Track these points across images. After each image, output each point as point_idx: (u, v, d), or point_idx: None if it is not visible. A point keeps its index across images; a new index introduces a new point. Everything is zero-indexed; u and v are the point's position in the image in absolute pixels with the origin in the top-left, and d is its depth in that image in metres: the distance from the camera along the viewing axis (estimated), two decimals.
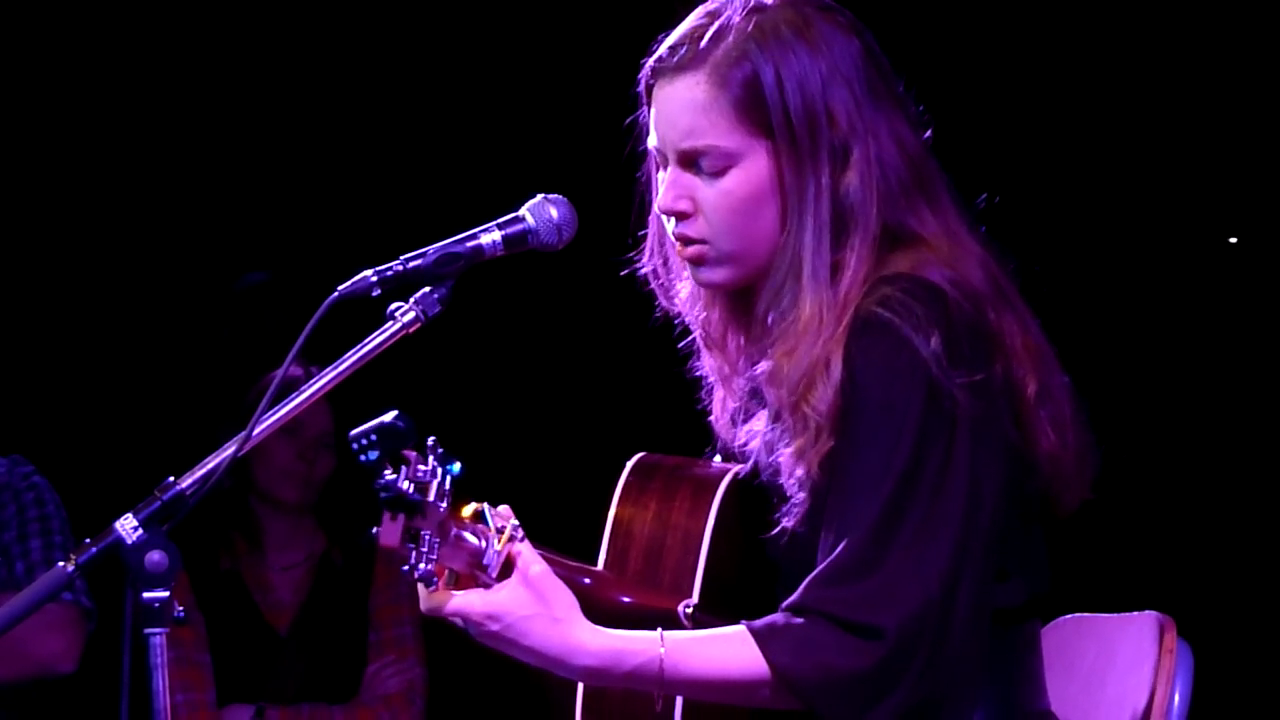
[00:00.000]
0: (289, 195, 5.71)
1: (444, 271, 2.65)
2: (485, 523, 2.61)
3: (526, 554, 2.61)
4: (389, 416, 2.47)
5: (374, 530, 2.49)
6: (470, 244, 2.68)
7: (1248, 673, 5.28)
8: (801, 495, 2.62)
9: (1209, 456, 5.47)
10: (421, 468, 2.49)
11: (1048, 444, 2.65)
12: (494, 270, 2.75)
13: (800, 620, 2.54)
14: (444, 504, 2.51)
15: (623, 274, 2.84)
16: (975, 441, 2.55)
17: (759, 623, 2.57)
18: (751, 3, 2.69)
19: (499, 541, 2.60)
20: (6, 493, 4.68)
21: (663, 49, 2.71)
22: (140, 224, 5.65)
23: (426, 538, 2.50)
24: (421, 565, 2.50)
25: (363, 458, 2.46)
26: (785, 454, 2.63)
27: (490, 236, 2.70)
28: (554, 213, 2.72)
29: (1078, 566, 2.78)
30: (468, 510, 2.62)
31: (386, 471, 2.47)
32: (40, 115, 5.56)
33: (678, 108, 2.68)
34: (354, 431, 2.47)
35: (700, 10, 2.72)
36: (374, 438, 2.45)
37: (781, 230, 2.66)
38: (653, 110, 2.72)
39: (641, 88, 2.75)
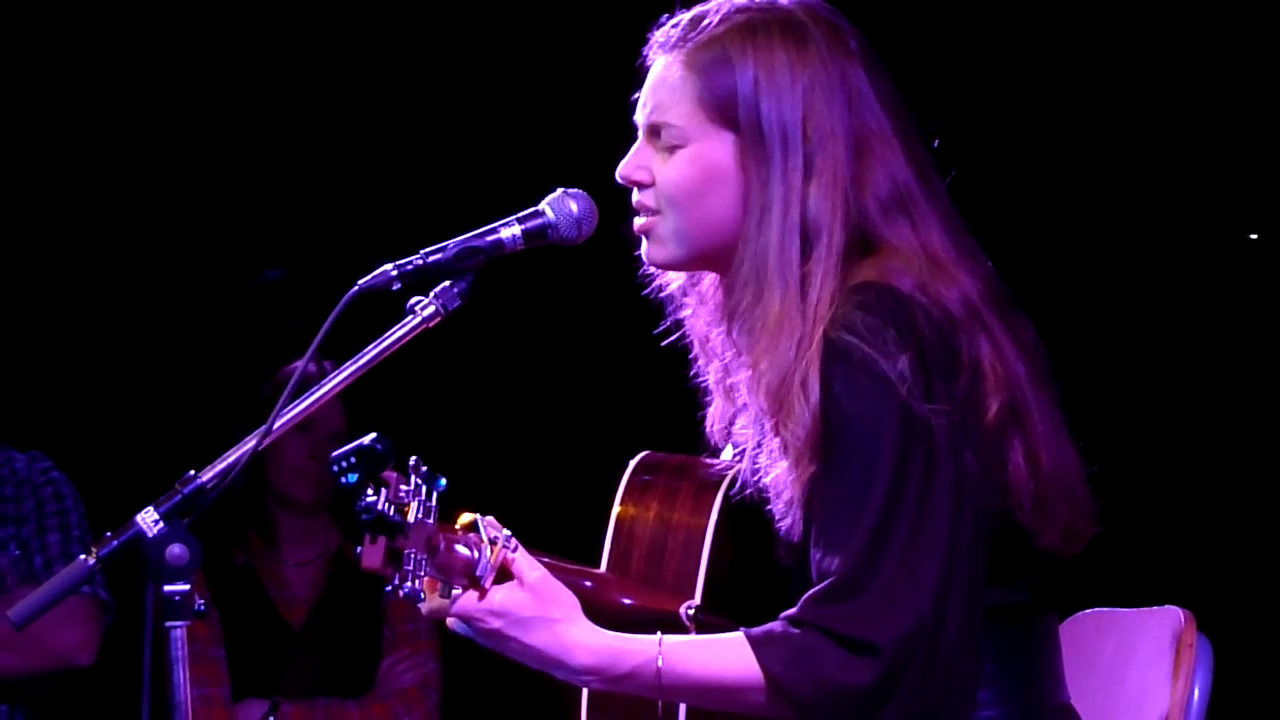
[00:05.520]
0: (305, 192, 5.71)
1: (464, 266, 2.67)
2: (478, 533, 2.62)
3: (523, 560, 2.63)
4: (368, 439, 2.49)
5: (358, 550, 2.50)
6: (490, 238, 2.69)
7: (1268, 667, 5.27)
8: (794, 514, 2.62)
9: (1228, 451, 5.46)
10: (404, 488, 2.51)
11: (1015, 471, 2.63)
12: (501, 268, 2.75)
13: (797, 631, 2.55)
14: (430, 520, 2.52)
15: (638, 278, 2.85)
16: (954, 453, 2.56)
17: (757, 630, 2.58)
18: (761, 1, 2.70)
19: (491, 551, 2.61)
20: (25, 488, 4.69)
21: (667, 25, 2.73)
22: (157, 220, 5.65)
23: (411, 556, 2.51)
24: (408, 584, 2.51)
25: (343, 480, 2.48)
26: (772, 478, 2.65)
27: (510, 231, 2.70)
28: (574, 207, 2.73)
29: (1098, 561, 2.76)
30: (462, 520, 2.63)
31: (368, 493, 2.48)
32: (59, 114, 5.56)
33: (654, 83, 2.72)
34: (335, 453, 2.48)
35: None
36: (353, 460, 2.47)
37: (739, 223, 2.67)
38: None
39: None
